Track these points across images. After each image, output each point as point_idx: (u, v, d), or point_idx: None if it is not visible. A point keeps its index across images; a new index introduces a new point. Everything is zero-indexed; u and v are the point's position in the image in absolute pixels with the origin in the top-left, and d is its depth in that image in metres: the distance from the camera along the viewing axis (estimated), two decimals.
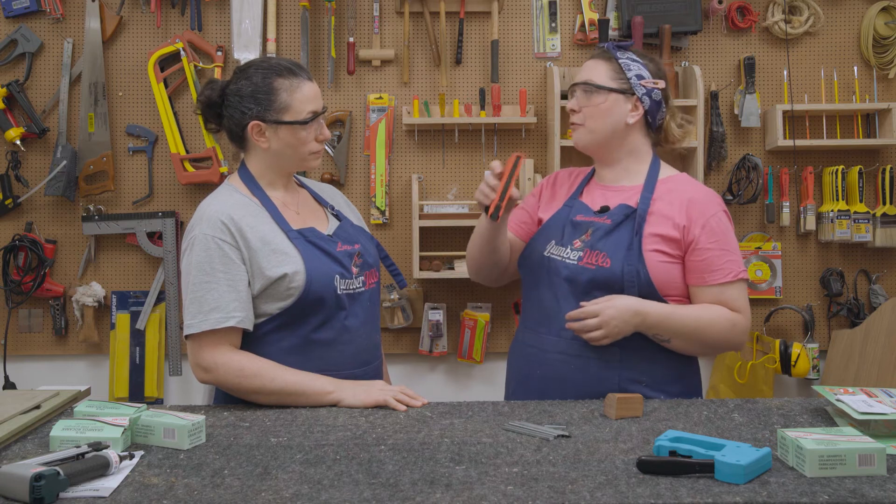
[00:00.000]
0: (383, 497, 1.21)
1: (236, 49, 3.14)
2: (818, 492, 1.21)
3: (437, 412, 1.69)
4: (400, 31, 3.22)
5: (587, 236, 1.88)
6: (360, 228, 2.00)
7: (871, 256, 3.27)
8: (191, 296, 1.77)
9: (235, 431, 1.56)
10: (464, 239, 3.38)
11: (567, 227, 1.93)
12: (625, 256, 1.82)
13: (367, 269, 1.91)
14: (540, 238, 1.99)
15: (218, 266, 1.76)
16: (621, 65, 1.93)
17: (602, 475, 1.29)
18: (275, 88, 1.82)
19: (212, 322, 1.74)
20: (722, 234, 1.86)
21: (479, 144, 3.24)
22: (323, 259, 1.82)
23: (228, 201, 1.84)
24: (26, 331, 3.20)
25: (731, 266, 1.84)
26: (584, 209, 1.95)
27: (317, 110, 1.85)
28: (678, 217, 1.86)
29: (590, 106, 1.93)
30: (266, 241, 1.80)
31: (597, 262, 1.82)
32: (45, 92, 3.19)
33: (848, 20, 3.28)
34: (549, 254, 1.92)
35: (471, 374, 3.31)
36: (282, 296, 1.78)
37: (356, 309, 1.86)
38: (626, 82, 1.92)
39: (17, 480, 1.19)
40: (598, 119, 1.92)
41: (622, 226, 1.86)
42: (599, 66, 1.95)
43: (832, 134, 3.25)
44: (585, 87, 1.94)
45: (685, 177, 1.98)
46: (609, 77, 1.92)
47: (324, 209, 1.99)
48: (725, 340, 1.85)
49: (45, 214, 3.20)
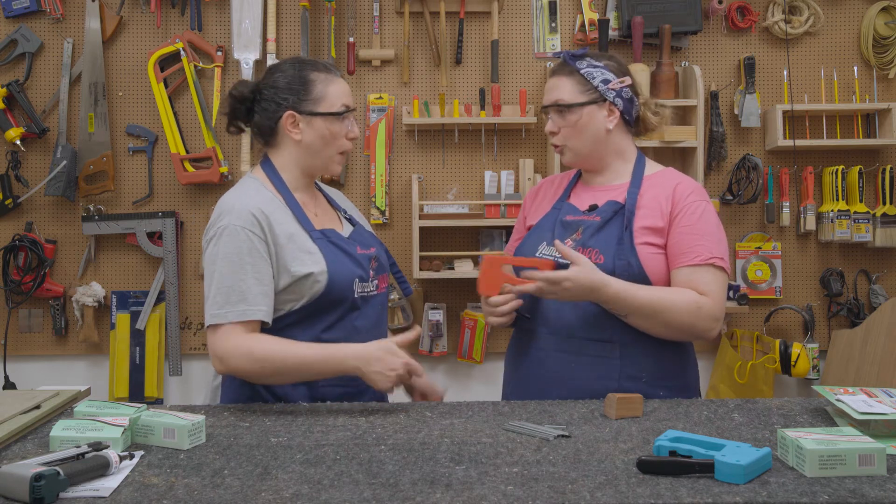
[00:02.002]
0: (383, 497, 1.21)
1: (236, 49, 3.15)
2: (818, 492, 1.21)
3: (437, 412, 1.69)
4: (400, 31, 3.22)
5: (578, 235, 1.89)
6: (371, 233, 2.02)
7: (871, 256, 3.27)
8: (216, 285, 1.76)
9: (235, 431, 1.56)
10: (464, 239, 3.39)
11: (557, 228, 1.93)
12: (616, 251, 1.82)
13: (381, 272, 1.93)
14: (530, 240, 1.98)
15: (247, 258, 1.75)
16: (584, 74, 1.90)
17: (602, 475, 1.29)
18: (311, 80, 1.84)
19: (237, 314, 1.73)
20: (697, 219, 1.84)
21: (479, 144, 3.24)
22: (345, 261, 1.83)
23: (257, 196, 1.83)
24: (26, 331, 3.20)
25: (701, 250, 1.81)
26: (573, 210, 1.95)
27: (350, 105, 1.87)
28: (664, 205, 1.86)
29: (567, 126, 1.91)
30: (292, 239, 1.80)
31: (590, 259, 1.81)
32: (45, 92, 3.19)
33: (848, 20, 3.28)
34: (540, 255, 1.91)
35: (471, 374, 3.31)
36: (303, 294, 1.78)
37: (368, 311, 1.87)
38: (594, 91, 1.89)
39: (17, 480, 1.19)
40: (578, 136, 1.91)
41: (612, 222, 1.87)
42: (564, 83, 1.92)
43: (832, 134, 3.25)
44: (557, 109, 1.92)
45: (672, 171, 1.98)
46: (577, 91, 1.90)
47: (337, 213, 1.99)
48: (690, 324, 1.79)
49: (45, 214, 3.20)
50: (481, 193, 3.22)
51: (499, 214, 3.11)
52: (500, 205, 3.11)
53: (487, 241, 3.21)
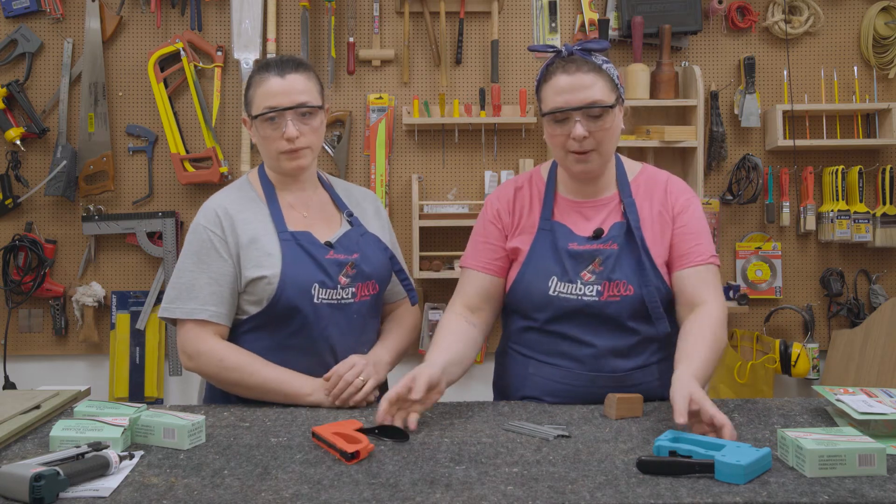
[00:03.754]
0: (383, 497, 1.21)
1: (236, 49, 3.15)
2: (818, 492, 1.21)
3: (437, 412, 1.69)
4: (400, 31, 3.22)
5: (597, 266, 1.75)
6: (375, 237, 1.93)
7: (871, 256, 3.27)
8: (173, 279, 1.82)
9: (235, 431, 1.56)
10: (464, 239, 3.37)
11: (566, 260, 1.77)
12: (640, 279, 1.74)
13: (363, 280, 1.85)
14: (531, 273, 1.80)
15: (204, 257, 1.79)
16: (606, 70, 1.73)
17: (602, 475, 1.29)
18: (252, 83, 1.85)
19: (185, 311, 1.77)
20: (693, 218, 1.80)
21: (479, 144, 3.24)
22: (305, 265, 1.79)
23: (232, 195, 1.87)
24: (26, 331, 3.20)
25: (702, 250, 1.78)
26: (570, 234, 1.79)
27: (275, 106, 1.78)
28: (658, 209, 1.81)
29: (599, 130, 1.70)
30: (255, 240, 1.80)
31: (620, 292, 1.75)
32: (45, 92, 3.19)
33: (848, 20, 3.28)
34: (555, 293, 1.76)
35: (471, 374, 3.28)
36: (260, 296, 1.78)
37: (339, 319, 1.82)
38: (617, 89, 1.74)
39: (17, 480, 1.19)
40: (611, 141, 1.74)
41: (626, 247, 1.77)
42: (596, 82, 1.70)
43: (832, 134, 3.25)
44: (592, 112, 1.69)
45: (649, 168, 1.90)
46: (608, 90, 1.71)
47: (340, 214, 1.94)
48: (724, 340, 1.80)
49: (45, 214, 3.20)
50: (481, 193, 3.22)
51: None
52: None
53: None
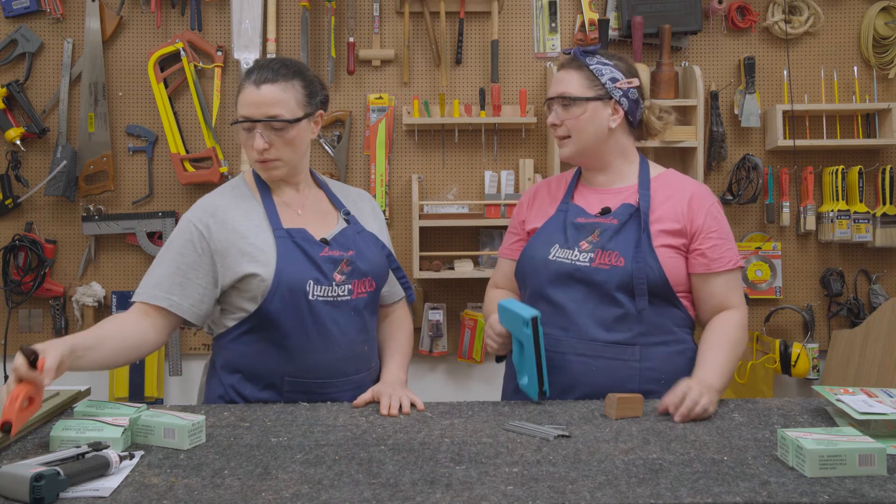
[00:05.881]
0: (383, 497, 1.21)
1: (236, 49, 3.14)
2: (818, 492, 1.21)
3: (437, 412, 1.69)
4: (400, 31, 3.22)
5: (594, 237, 1.87)
6: (372, 235, 1.93)
7: (871, 256, 3.27)
8: (150, 267, 1.83)
9: (235, 431, 1.56)
10: (464, 239, 3.39)
11: (570, 230, 1.91)
12: (635, 254, 1.82)
13: (359, 277, 1.84)
14: (538, 242, 1.94)
15: (180, 248, 1.80)
16: (593, 71, 1.90)
17: (602, 475, 1.29)
18: (239, 88, 1.84)
19: (145, 296, 1.78)
20: (719, 224, 1.90)
21: (479, 144, 3.24)
22: (299, 262, 1.79)
23: (226, 193, 1.88)
24: (26, 331, 3.20)
25: (730, 255, 1.88)
26: (582, 212, 1.94)
27: (248, 116, 1.77)
28: (679, 208, 1.88)
29: (570, 118, 1.90)
30: (245, 237, 1.80)
31: (610, 262, 1.82)
32: (45, 92, 3.19)
33: (848, 20, 3.28)
34: (554, 257, 1.89)
35: (471, 374, 3.31)
36: (253, 293, 1.78)
37: (337, 317, 1.81)
38: (601, 88, 1.90)
39: (17, 480, 1.19)
40: (581, 130, 1.90)
41: (628, 224, 1.86)
42: (572, 77, 1.92)
43: (832, 134, 3.25)
44: (562, 101, 1.91)
45: (674, 172, 2.00)
46: (584, 86, 1.90)
47: (337, 212, 1.94)
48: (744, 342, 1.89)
49: (45, 214, 3.20)
50: (481, 193, 3.22)
51: (499, 214, 3.11)
52: (500, 205, 3.11)
53: (487, 241, 3.21)
